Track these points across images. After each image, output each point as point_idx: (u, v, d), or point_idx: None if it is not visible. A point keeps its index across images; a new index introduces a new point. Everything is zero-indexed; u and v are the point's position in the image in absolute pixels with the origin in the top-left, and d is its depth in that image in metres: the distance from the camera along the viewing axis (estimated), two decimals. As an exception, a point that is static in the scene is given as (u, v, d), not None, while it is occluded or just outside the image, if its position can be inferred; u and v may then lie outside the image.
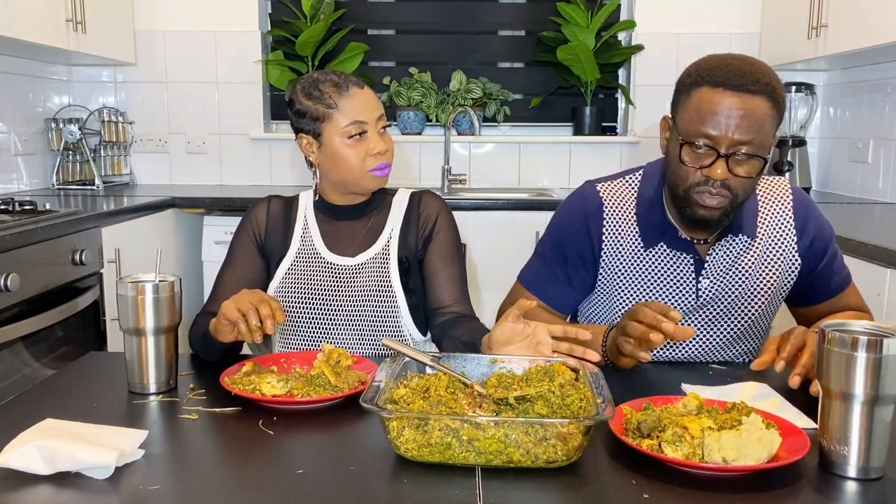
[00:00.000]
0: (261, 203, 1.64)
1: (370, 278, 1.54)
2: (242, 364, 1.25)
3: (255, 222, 1.61)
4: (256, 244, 1.60)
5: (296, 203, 1.64)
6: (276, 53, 3.58)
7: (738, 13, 3.46)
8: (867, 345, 0.90)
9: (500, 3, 3.65)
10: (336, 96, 1.49)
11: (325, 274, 1.55)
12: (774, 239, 1.45)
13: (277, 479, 0.91)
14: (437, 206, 1.62)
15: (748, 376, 1.28)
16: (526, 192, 3.51)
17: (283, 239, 1.60)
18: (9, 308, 1.98)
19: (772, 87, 1.27)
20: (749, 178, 1.29)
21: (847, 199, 3.11)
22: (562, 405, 1.00)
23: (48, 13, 2.73)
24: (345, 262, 1.55)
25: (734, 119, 1.25)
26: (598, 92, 3.64)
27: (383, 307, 1.53)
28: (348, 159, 1.50)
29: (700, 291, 1.44)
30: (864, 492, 0.90)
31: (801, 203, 1.47)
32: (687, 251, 1.43)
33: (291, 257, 1.57)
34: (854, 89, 3.26)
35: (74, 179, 3.30)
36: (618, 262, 1.47)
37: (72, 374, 1.30)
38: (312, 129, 1.52)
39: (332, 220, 1.60)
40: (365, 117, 1.49)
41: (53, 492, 0.88)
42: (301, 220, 1.61)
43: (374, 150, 1.50)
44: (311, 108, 1.51)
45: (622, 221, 1.47)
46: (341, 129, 1.49)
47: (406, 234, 1.58)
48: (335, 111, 1.49)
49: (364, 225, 1.60)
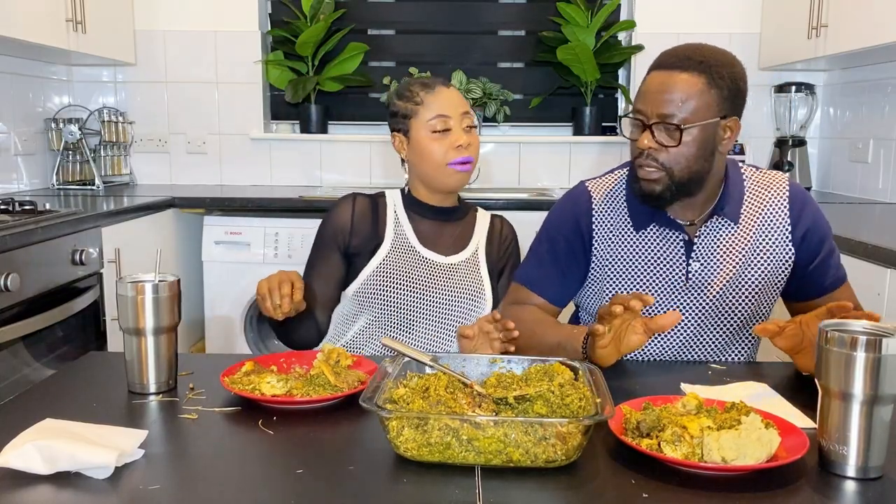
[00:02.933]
0: (345, 201, 1.68)
1: (464, 279, 1.63)
2: (242, 364, 1.25)
3: (339, 223, 1.66)
4: (340, 245, 1.65)
5: (382, 200, 1.70)
6: (276, 53, 3.58)
7: (738, 13, 3.46)
8: (866, 344, 0.90)
9: (500, 3, 3.65)
10: (423, 94, 1.61)
11: (422, 267, 1.62)
12: (766, 227, 1.46)
13: (277, 478, 0.91)
14: (512, 231, 1.78)
15: (747, 376, 1.29)
16: (526, 192, 3.50)
17: (374, 232, 1.65)
18: (9, 308, 1.98)
19: (705, 64, 1.34)
20: (674, 149, 1.34)
21: (847, 199, 3.11)
22: (561, 405, 1.00)
23: (48, 13, 2.73)
24: (440, 260, 1.64)
25: (657, 94, 1.34)
26: (598, 92, 3.64)
27: (472, 308, 1.63)
28: (431, 152, 1.59)
29: (690, 273, 1.45)
30: (863, 491, 0.90)
31: (798, 197, 1.48)
32: (677, 230, 1.46)
33: (387, 248, 1.63)
34: (854, 89, 3.26)
35: (74, 179, 3.30)
36: (610, 249, 1.50)
37: (72, 374, 1.31)
38: (402, 127, 1.63)
39: (423, 217, 1.67)
40: (448, 111, 1.59)
41: (53, 492, 0.88)
42: (392, 214, 1.67)
43: (457, 143, 1.59)
44: (401, 108, 1.63)
45: (612, 210, 1.51)
46: (426, 123, 1.59)
47: (490, 250, 1.71)
48: (421, 107, 1.60)
49: (454, 228, 1.69)
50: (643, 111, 1.37)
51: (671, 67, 1.35)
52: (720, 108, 1.35)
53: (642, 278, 1.47)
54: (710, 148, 1.37)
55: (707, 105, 1.34)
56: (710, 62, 1.34)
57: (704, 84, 1.33)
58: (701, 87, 1.33)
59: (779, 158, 3.37)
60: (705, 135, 1.35)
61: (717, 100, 1.34)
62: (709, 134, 1.35)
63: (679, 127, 1.33)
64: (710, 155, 1.38)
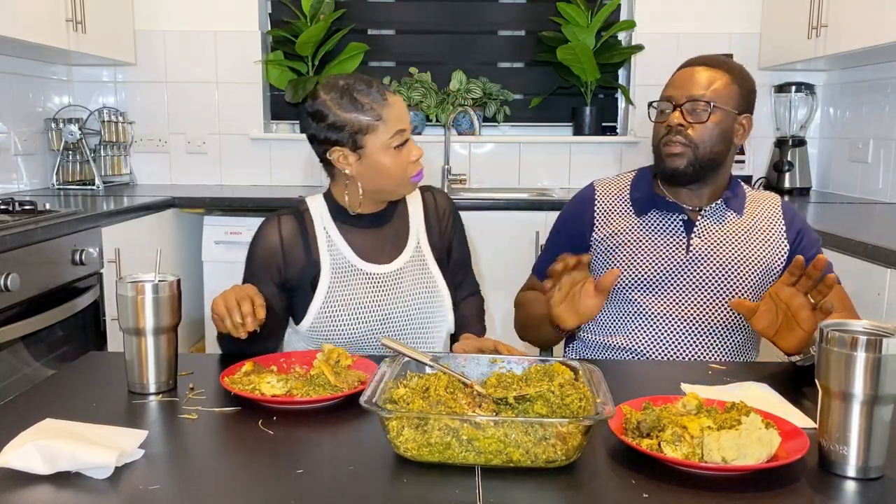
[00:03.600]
0: (270, 225, 1.53)
1: (415, 281, 1.55)
2: (242, 364, 1.25)
3: (269, 253, 1.52)
4: (274, 277, 1.51)
5: (307, 214, 1.56)
6: (276, 53, 3.58)
7: (738, 13, 3.46)
8: (866, 344, 0.90)
9: (500, 3, 3.65)
10: (378, 107, 1.44)
11: (368, 285, 1.51)
12: (764, 223, 1.57)
13: (277, 478, 0.91)
14: (446, 199, 1.68)
15: (747, 376, 1.29)
16: (526, 192, 3.51)
17: (307, 258, 1.51)
18: (9, 308, 1.98)
19: (728, 65, 1.52)
20: (703, 125, 1.48)
21: (847, 199, 3.11)
22: (561, 405, 1.00)
23: (48, 13, 2.73)
24: (383, 271, 1.53)
25: (688, 80, 1.51)
26: (598, 92, 3.64)
27: (432, 307, 1.57)
28: (391, 169, 1.47)
29: (691, 247, 1.53)
30: (863, 491, 0.90)
31: (789, 208, 1.62)
32: (677, 212, 1.56)
33: (328, 276, 1.50)
34: (854, 89, 3.26)
35: (74, 179, 3.30)
36: (610, 230, 1.59)
37: (72, 374, 1.30)
38: (352, 142, 1.45)
39: (355, 227, 1.55)
40: (404, 124, 1.48)
41: (53, 492, 0.87)
42: (322, 233, 1.54)
43: (413, 157, 1.50)
44: (350, 121, 1.44)
45: (614, 202, 1.63)
46: (387, 140, 1.45)
47: (431, 234, 1.62)
48: (381, 122, 1.44)
49: (387, 231, 1.57)
50: (673, 96, 1.51)
51: (699, 63, 1.52)
52: (738, 104, 1.51)
53: (643, 254, 1.54)
54: (729, 136, 1.51)
55: (730, 97, 1.49)
56: (732, 65, 1.52)
57: (728, 79, 1.50)
58: (726, 81, 1.50)
59: (779, 158, 3.37)
60: (727, 122, 1.50)
61: (738, 96, 1.50)
62: (729, 122, 1.50)
63: (709, 103, 1.47)
64: (728, 142, 1.51)
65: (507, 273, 2.61)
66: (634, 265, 1.53)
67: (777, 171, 3.36)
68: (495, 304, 2.63)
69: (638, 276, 1.53)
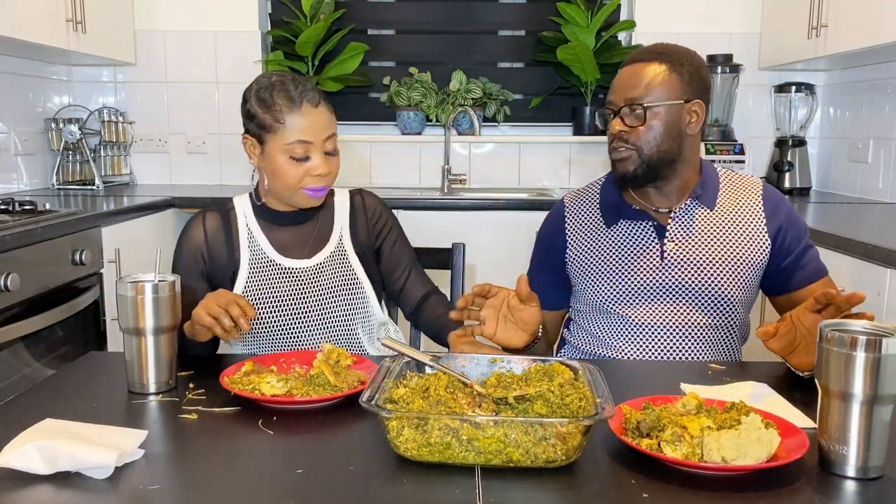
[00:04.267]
0: (195, 222, 1.58)
1: (334, 275, 1.56)
2: (242, 364, 1.25)
3: (194, 247, 1.56)
4: (200, 270, 1.55)
5: (232, 213, 1.59)
6: (276, 53, 3.58)
7: (738, 13, 3.46)
8: (866, 344, 0.90)
9: (500, 3, 3.65)
10: (286, 111, 1.45)
11: (286, 280, 1.53)
12: (742, 215, 1.53)
13: (277, 478, 0.91)
14: (378, 201, 1.68)
15: (747, 376, 1.29)
16: (526, 192, 3.51)
17: (229, 253, 1.55)
18: (9, 308, 1.98)
19: (665, 54, 1.48)
20: (642, 128, 1.46)
21: (847, 199, 3.11)
22: (561, 405, 1.00)
23: (48, 13, 2.73)
24: (302, 265, 1.55)
25: (624, 82, 1.49)
26: (598, 92, 3.63)
27: (352, 299, 1.56)
28: (285, 175, 1.48)
29: (665, 254, 1.51)
30: (863, 491, 0.90)
31: (771, 195, 1.56)
32: (646, 220, 1.54)
33: (246, 270, 1.53)
34: (854, 89, 3.26)
35: (74, 179, 3.30)
36: (582, 245, 1.59)
37: (72, 374, 1.31)
38: (258, 135, 1.50)
39: (277, 226, 1.58)
40: (311, 137, 1.46)
41: (53, 492, 0.88)
42: (244, 229, 1.57)
43: (315, 172, 1.48)
44: (259, 114, 1.48)
45: (583, 211, 1.63)
46: (285, 146, 1.46)
47: (356, 232, 1.62)
48: (282, 126, 1.45)
49: (311, 228, 1.59)
50: (613, 101, 1.50)
51: (635, 61, 1.50)
52: (683, 92, 1.47)
53: (616, 265, 1.53)
54: (677, 129, 1.47)
55: (670, 88, 1.46)
56: (670, 52, 1.49)
57: (666, 70, 1.46)
58: (663, 73, 1.46)
59: (779, 158, 3.37)
60: (670, 116, 1.46)
61: (679, 84, 1.46)
62: (674, 116, 1.46)
63: (643, 106, 1.45)
64: (678, 136, 1.48)
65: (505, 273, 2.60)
66: (611, 280, 1.52)
67: (777, 171, 3.35)
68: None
69: (617, 291, 1.52)
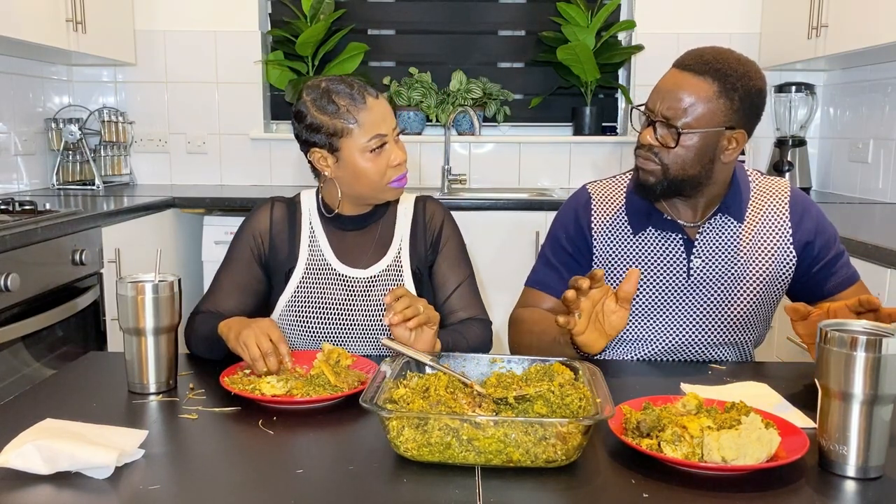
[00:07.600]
0: (263, 208, 1.57)
1: (386, 291, 1.50)
2: (242, 364, 1.25)
3: (257, 232, 1.55)
4: (258, 255, 1.55)
5: (299, 208, 1.57)
6: (276, 53, 3.58)
7: (738, 13, 3.46)
8: (866, 344, 0.90)
9: (500, 3, 3.65)
10: (354, 110, 1.42)
11: (339, 287, 1.50)
12: (768, 228, 1.47)
13: (277, 478, 0.91)
14: (441, 213, 1.61)
15: (747, 376, 1.29)
16: (526, 192, 3.51)
17: (290, 249, 1.54)
18: (9, 308, 1.98)
19: (722, 72, 1.33)
20: (672, 150, 1.35)
21: (847, 199, 3.12)
22: (561, 405, 1.00)
23: (48, 13, 2.73)
24: (358, 275, 1.51)
25: (667, 93, 1.35)
26: (598, 92, 3.64)
27: None
28: (369, 174, 1.44)
29: (692, 270, 1.45)
30: (863, 491, 0.90)
31: (799, 201, 1.49)
32: (675, 231, 1.46)
33: (302, 269, 1.51)
34: (854, 89, 3.26)
35: (74, 179, 3.30)
36: (610, 250, 1.51)
37: (72, 374, 1.31)
38: (328, 144, 1.44)
39: (340, 230, 1.55)
40: (384, 129, 1.44)
41: (53, 492, 0.88)
42: (307, 227, 1.55)
43: (395, 162, 1.46)
44: (326, 124, 1.43)
45: (611, 212, 1.53)
46: (362, 145, 1.43)
47: (415, 244, 1.56)
48: (355, 126, 1.42)
49: (373, 235, 1.55)
50: (651, 107, 1.38)
51: (688, 68, 1.35)
52: (727, 119, 1.34)
53: (643, 278, 1.47)
54: (710, 156, 1.36)
55: (713, 113, 1.33)
56: (728, 71, 1.33)
57: (715, 91, 1.33)
58: (711, 94, 1.33)
59: (779, 158, 3.37)
60: (705, 142, 1.35)
61: (726, 110, 1.33)
62: (709, 142, 1.35)
63: (679, 130, 1.33)
64: (710, 163, 1.37)
65: (506, 273, 2.61)
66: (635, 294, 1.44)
67: (777, 171, 3.35)
68: (495, 303, 2.63)
69: (638, 306, 1.47)
